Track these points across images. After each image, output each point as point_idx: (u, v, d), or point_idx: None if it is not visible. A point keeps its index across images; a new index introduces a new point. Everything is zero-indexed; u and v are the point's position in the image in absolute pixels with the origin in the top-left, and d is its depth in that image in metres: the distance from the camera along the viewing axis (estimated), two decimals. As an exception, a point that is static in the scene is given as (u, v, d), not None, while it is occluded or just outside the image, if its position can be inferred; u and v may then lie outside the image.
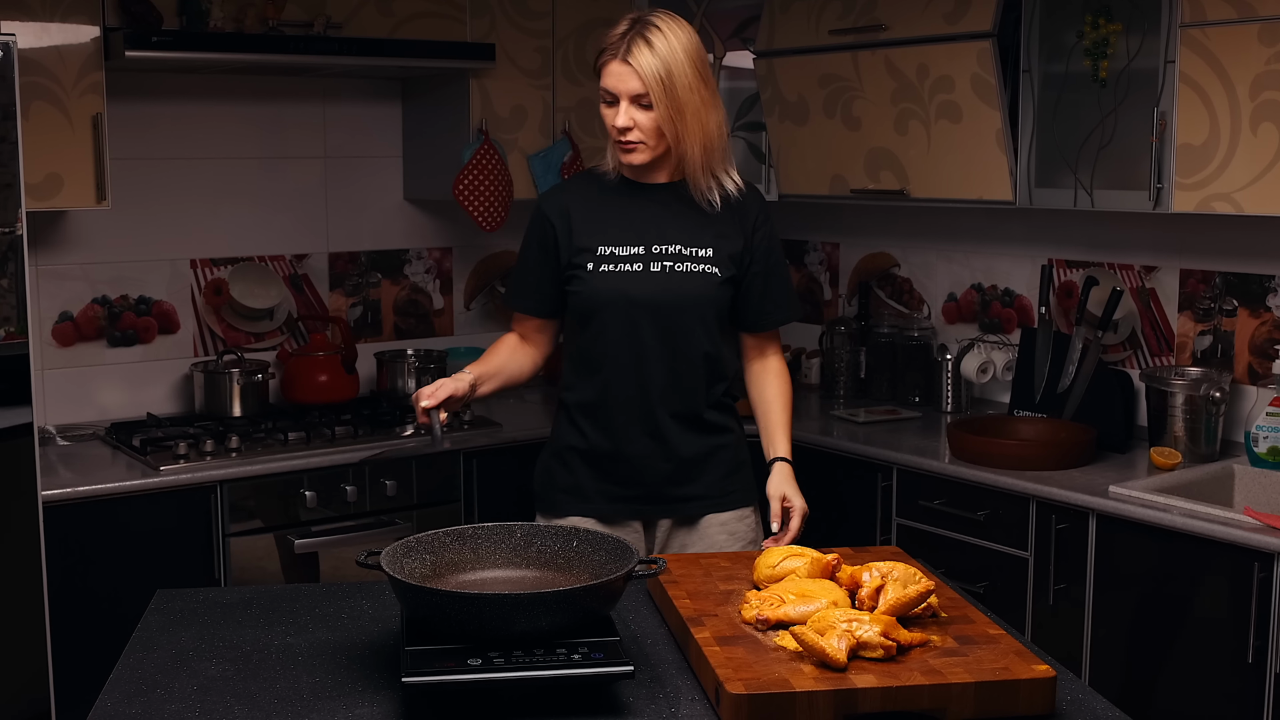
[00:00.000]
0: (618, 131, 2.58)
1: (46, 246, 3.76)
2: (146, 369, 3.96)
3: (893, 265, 4.38)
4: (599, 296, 2.65)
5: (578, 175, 2.86)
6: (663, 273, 2.64)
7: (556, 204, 2.73)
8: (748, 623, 1.98)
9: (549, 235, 2.70)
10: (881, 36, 3.70)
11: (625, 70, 2.53)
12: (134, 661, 1.99)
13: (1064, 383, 3.66)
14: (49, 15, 3.34)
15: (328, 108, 4.17)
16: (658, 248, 2.65)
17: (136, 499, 3.33)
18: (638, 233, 2.66)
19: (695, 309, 2.65)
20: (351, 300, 4.29)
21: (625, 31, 2.54)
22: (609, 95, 2.57)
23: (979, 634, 1.95)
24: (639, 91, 2.53)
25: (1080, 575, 3.17)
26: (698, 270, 2.65)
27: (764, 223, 2.73)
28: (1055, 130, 3.40)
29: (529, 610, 1.84)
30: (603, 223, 2.68)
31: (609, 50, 2.56)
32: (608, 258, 2.66)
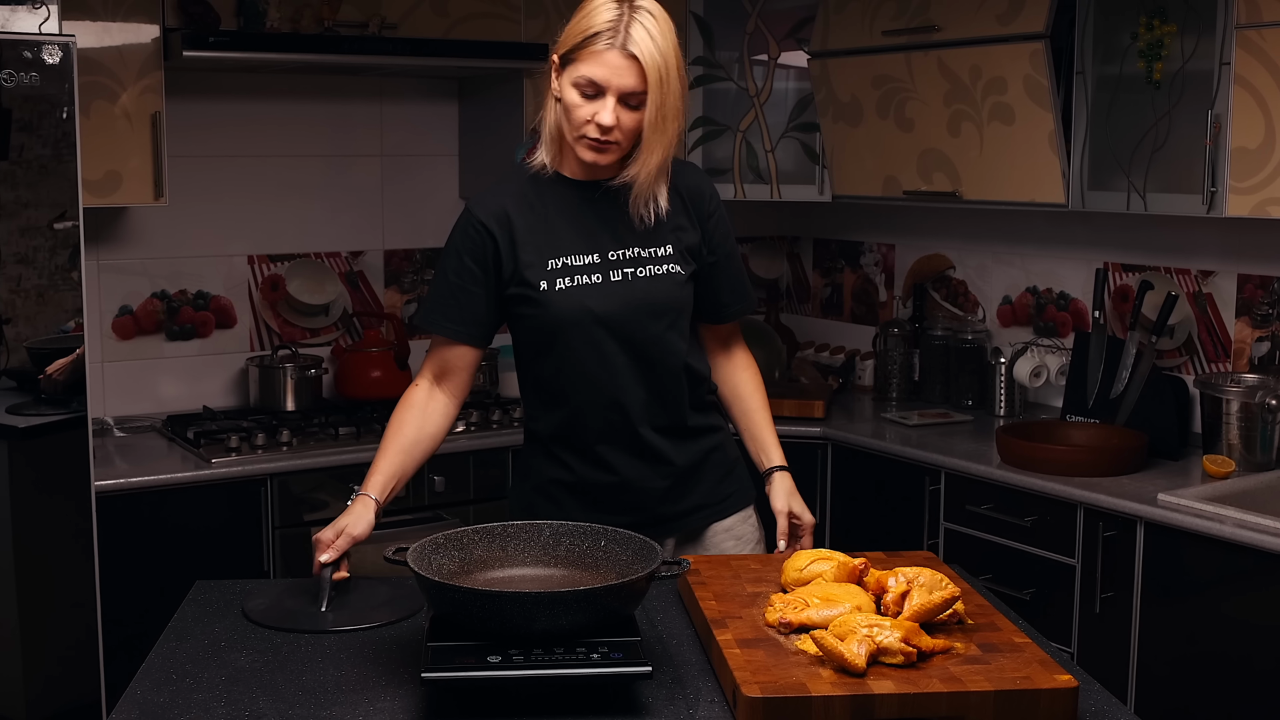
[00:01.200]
0: (598, 129, 2.26)
1: (108, 242, 3.83)
2: (204, 363, 4.02)
3: (948, 267, 4.35)
4: (561, 317, 2.35)
5: (509, 175, 2.49)
6: (624, 281, 2.38)
7: (494, 210, 2.37)
8: (771, 626, 1.98)
9: (486, 247, 2.36)
10: (934, 37, 3.68)
11: (625, 64, 2.22)
12: (166, 650, 2.03)
13: (1117, 388, 3.62)
14: (110, 16, 3.40)
15: (385, 106, 4.21)
16: (614, 253, 2.38)
17: (188, 491, 3.38)
18: (590, 238, 2.38)
19: (665, 315, 2.40)
20: (406, 297, 4.33)
21: (619, 14, 2.24)
22: (591, 87, 2.25)
23: (1004, 642, 1.93)
24: (634, 89, 2.24)
25: (1128, 584, 3.13)
26: (660, 272, 2.40)
27: (716, 206, 2.49)
28: (1109, 132, 3.37)
29: (550, 609, 1.85)
30: (550, 230, 2.38)
31: (603, 36, 2.23)
32: (562, 271, 2.36)
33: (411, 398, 2.44)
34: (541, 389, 2.46)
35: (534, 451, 2.53)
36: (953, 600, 1.97)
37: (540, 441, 2.50)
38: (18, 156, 3.04)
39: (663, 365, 2.41)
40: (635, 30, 2.22)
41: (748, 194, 4.31)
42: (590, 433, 2.42)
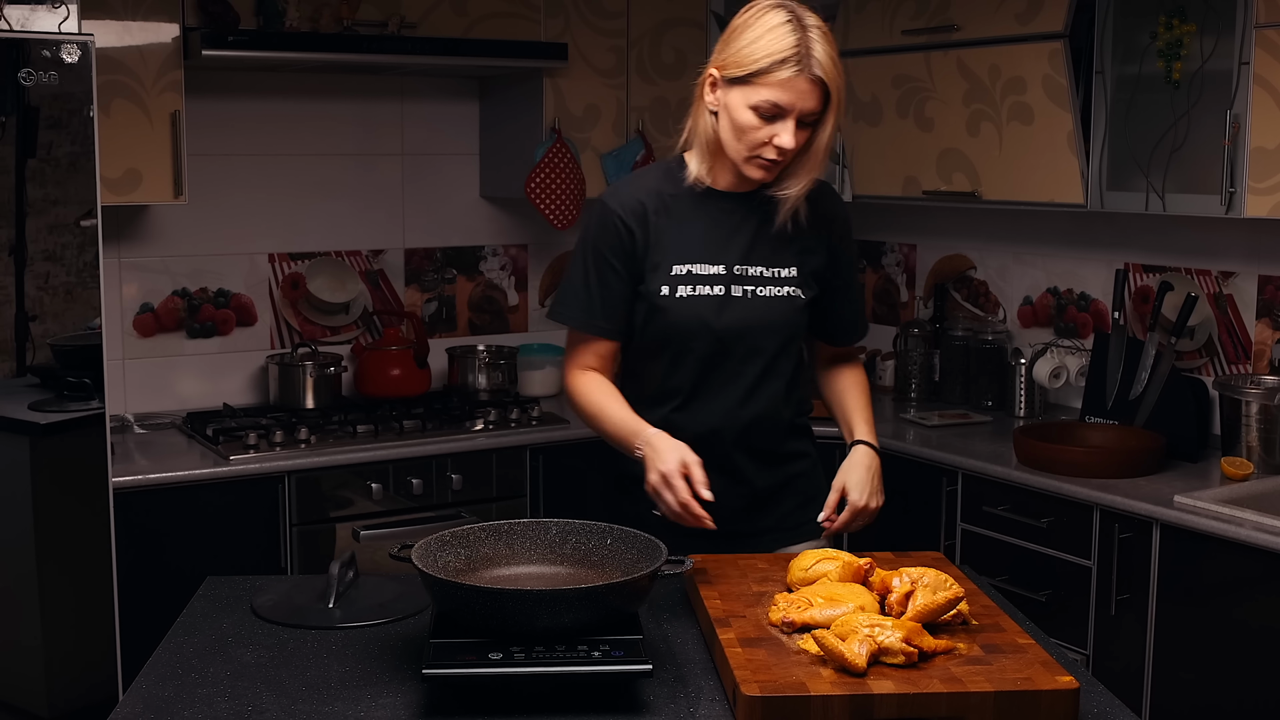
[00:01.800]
0: (776, 151, 2.25)
1: (130, 239, 3.86)
2: (224, 360, 4.05)
3: (969, 268, 4.33)
4: (679, 325, 2.36)
5: (648, 172, 2.48)
6: (745, 298, 2.38)
7: (630, 204, 2.38)
8: (774, 625, 1.98)
9: (625, 241, 2.37)
10: (954, 37, 3.67)
11: (810, 88, 2.21)
12: (174, 645, 2.04)
13: (1136, 389, 3.60)
14: (130, 15, 3.43)
15: (406, 105, 4.22)
16: (739, 268, 2.38)
17: (206, 488, 3.41)
18: (719, 249, 2.37)
19: (778, 336, 2.40)
20: (427, 296, 4.35)
21: (800, 37, 2.20)
22: (774, 108, 2.22)
23: (1007, 643, 1.92)
24: (815, 110, 2.23)
25: (1144, 587, 3.11)
26: (781, 294, 2.39)
27: (845, 233, 2.49)
28: (1128, 133, 3.35)
29: (551, 606, 1.85)
30: (680, 236, 2.37)
31: (789, 62, 2.19)
32: (686, 278, 2.36)
33: (592, 376, 2.44)
34: (641, 389, 2.45)
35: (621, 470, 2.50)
36: (956, 601, 1.96)
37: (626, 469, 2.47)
38: (46, 154, 3.06)
39: (765, 386, 2.42)
40: (818, 52, 2.21)
41: (768, 193, 4.30)
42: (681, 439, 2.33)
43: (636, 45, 4.18)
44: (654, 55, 4.20)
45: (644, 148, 4.16)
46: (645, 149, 4.17)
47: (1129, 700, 3.14)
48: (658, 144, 4.21)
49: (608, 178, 4.15)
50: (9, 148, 3.03)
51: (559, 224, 4.07)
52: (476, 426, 3.86)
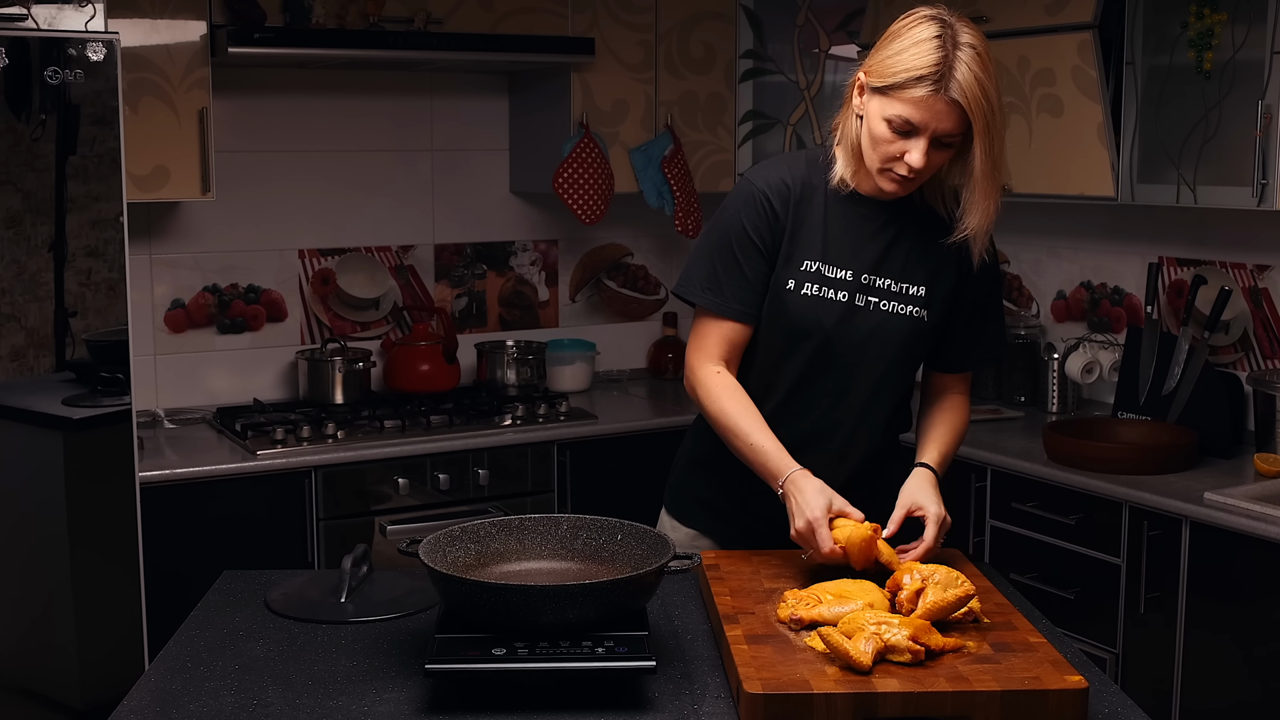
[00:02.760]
0: (906, 168, 2.17)
1: (160, 236, 3.89)
2: (255, 356, 4.07)
3: (1002, 261, 4.29)
4: (795, 322, 2.29)
5: (793, 158, 2.37)
6: (867, 309, 2.29)
7: (778, 186, 2.30)
8: (782, 622, 1.97)
9: (770, 220, 2.29)
10: (983, 28, 3.61)
11: (947, 109, 2.10)
12: (186, 639, 2.05)
13: (1169, 385, 3.56)
14: (158, 13, 3.45)
15: (435, 101, 4.23)
16: (868, 278, 2.28)
17: (233, 482, 3.42)
18: (851, 254, 2.29)
19: (892, 355, 2.31)
20: (457, 291, 4.35)
21: (944, 55, 2.09)
22: (906, 125, 2.13)
23: (1018, 641, 1.90)
24: (952, 131, 2.13)
25: (1173, 585, 3.07)
26: (905, 312, 2.29)
27: (990, 250, 2.32)
28: (1158, 124, 3.30)
29: (556, 602, 1.84)
30: (815, 230, 2.29)
31: (926, 79, 2.09)
32: (814, 276, 2.29)
33: (726, 381, 2.32)
34: (742, 377, 2.36)
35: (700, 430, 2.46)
36: (967, 598, 1.94)
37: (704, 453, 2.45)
38: (89, 151, 3.09)
39: (870, 406, 2.33)
40: (961, 73, 2.09)
41: (798, 188, 4.28)
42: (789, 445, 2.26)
43: (665, 39, 4.17)
44: (682, 49, 4.18)
45: (672, 142, 4.15)
46: (674, 143, 4.15)
47: (1158, 700, 3.10)
48: (686, 138, 4.20)
49: (636, 173, 4.14)
50: (49, 145, 3.06)
51: (587, 219, 4.07)
52: (505, 422, 3.86)
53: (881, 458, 2.42)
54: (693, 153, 4.20)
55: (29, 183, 3.06)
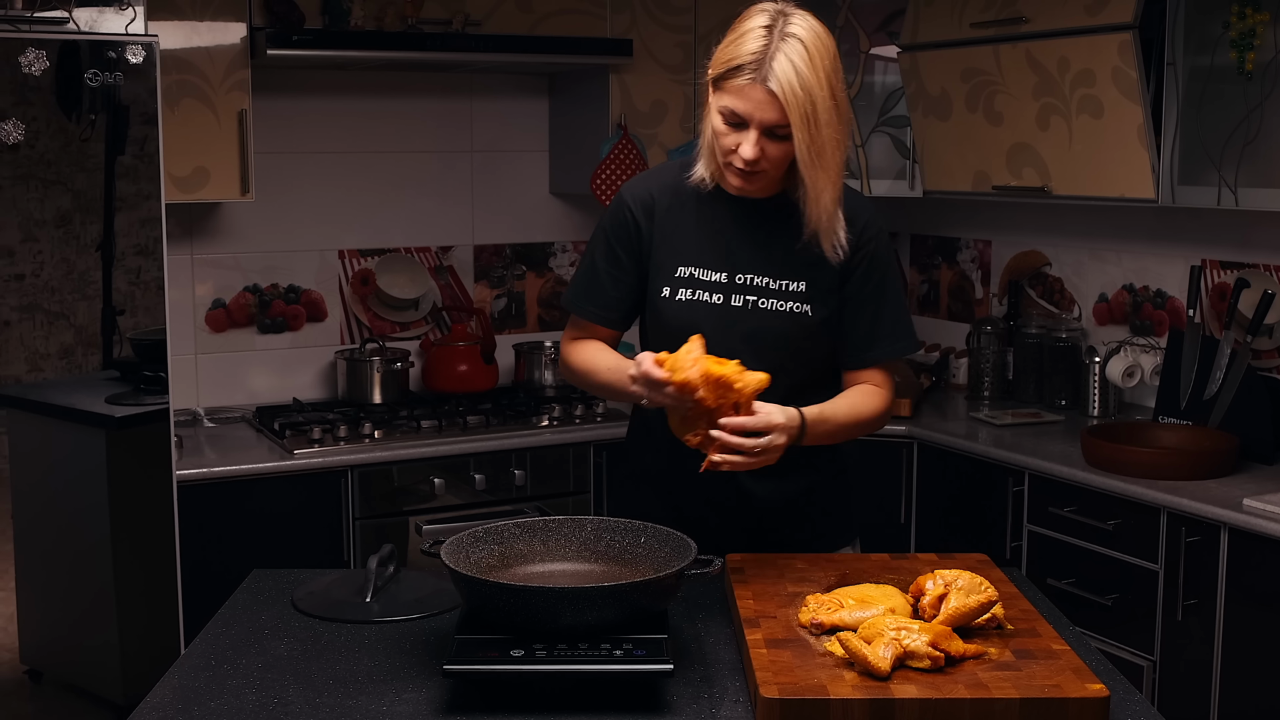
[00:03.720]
0: (741, 160, 2.17)
1: (202, 236, 3.92)
2: (295, 355, 4.09)
3: (1044, 264, 4.26)
4: (676, 329, 2.25)
5: (668, 167, 2.40)
6: (743, 308, 2.28)
7: (642, 197, 2.33)
8: (803, 626, 1.96)
9: (633, 233, 2.33)
10: (1023, 29, 3.60)
11: (766, 98, 2.09)
12: (211, 637, 2.07)
13: (1210, 389, 3.51)
14: (198, 15, 3.48)
15: (475, 102, 4.24)
16: (742, 277, 2.28)
17: (269, 481, 3.45)
18: (724, 254, 2.29)
19: (778, 353, 2.27)
20: (495, 292, 4.36)
21: (765, 45, 2.09)
22: (735, 117, 2.14)
23: (1041, 649, 1.88)
24: (779, 122, 2.12)
25: (1211, 592, 3.04)
26: (784, 309, 2.28)
27: (868, 240, 2.29)
28: (1199, 125, 3.26)
29: (576, 604, 1.85)
30: (688, 235, 2.30)
31: (746, 68, 2.10)
32: (687, 282, 2.30)
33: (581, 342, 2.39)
34: None
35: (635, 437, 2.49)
36: (990, 604, 1.93)
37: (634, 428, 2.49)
38: (139, 150, 3.13)
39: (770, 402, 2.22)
40: (779, 64, 2.08)
41: (838, 189, 4.26)
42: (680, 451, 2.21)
43: (704, 40, 4.16)
44: (722, 50, 4.17)
45: (711, 143, 4.14)
46: (713, 145, 4.14)
47: (1196, 708, 3.06)
48: (726, 140, 4.19)
49: (675, 174, 4.13)
50: (98, 144, 3.10)
51: (625, 220, 4.06)
52: (541, 422, 3.87)
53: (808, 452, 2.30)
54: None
55: (79, 182, 3.11)
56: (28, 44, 2.94)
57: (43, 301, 3.13)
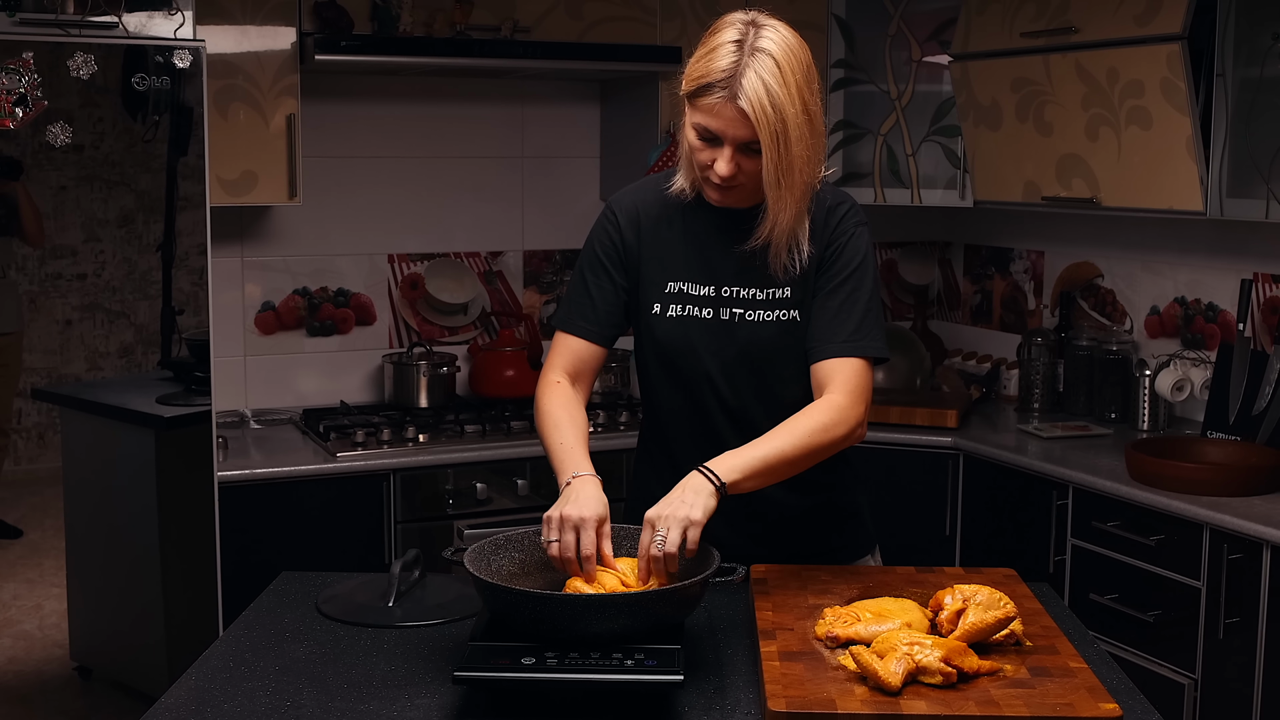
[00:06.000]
0: (717, 176, 2.14)
1: (252, 239, 3.97)
2: (343, 359, 4.13)
3: (1096, 275, 4.21)
4: (668, 346, 2.27)
5: (655, 180, 2.35)
6: (731, 322, 2.26)
7: (628, 209, 2.31)
8: (819, 639, 1.95)
9: (616, 244, 2.30)
10: (1072, 39, 3.56)
11: (737, 116, 2.06)
12: (232, 639, 2.09)
13: (1260, 404, 3.46)
14: (248, 20, 3.52)
15: (527, 108, 4.26)
16: (728, 290, 2.26)
17: (311, 483, 3.48)
18: (710, 268, 2.26)
19: (770, 365, 2.26)
20: (545, 297, 4.38)
21: (735, 61, 2.05)
22: (707, 133, 2.11)
23: (1058, 666, 1.86)
24: (751, 139, 2.08)
25: (1254, 610, 2.98)
26: (771, 318, 2.25)
27: (841, 232, 2.24)
28: (1249, 137, 3.21)
29: (598, 613, 1.85)
30: (676, 251, 2.28)
31: (717, 86, 2.06)
32: (677, 297, 2.27)
33: (562, 390, 2.29)
34: (650, 411, 2.40)
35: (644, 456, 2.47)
36: (1008, 620, 1.91)
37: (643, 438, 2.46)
38: (201, 151, 3.17)
39: (764, 418, 2.22)
40: (748, 81, 2.04)
41: (887, 198, 4.24)
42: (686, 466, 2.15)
43: (754, 48, 4.15)
44: (772, 58, 4.16)
45: (760, 151, 4.13)
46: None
47: (1237, 728, 3.02)
48: (774, 147, 4.17)
49: (722, 181, 4.13)
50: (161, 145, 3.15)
51: (672, 227, 4.06)
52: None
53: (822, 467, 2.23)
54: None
55: (143, 183, 3.16)
56: (76, 48, 2.99)
57: (104, 301, 3.19)
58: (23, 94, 2.97)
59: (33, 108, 2.98)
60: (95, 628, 3.32)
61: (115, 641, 3.37)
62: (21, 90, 2.97)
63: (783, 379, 2.27)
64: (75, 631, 3.27)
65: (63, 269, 3.15)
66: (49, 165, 3.06)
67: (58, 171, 3.08)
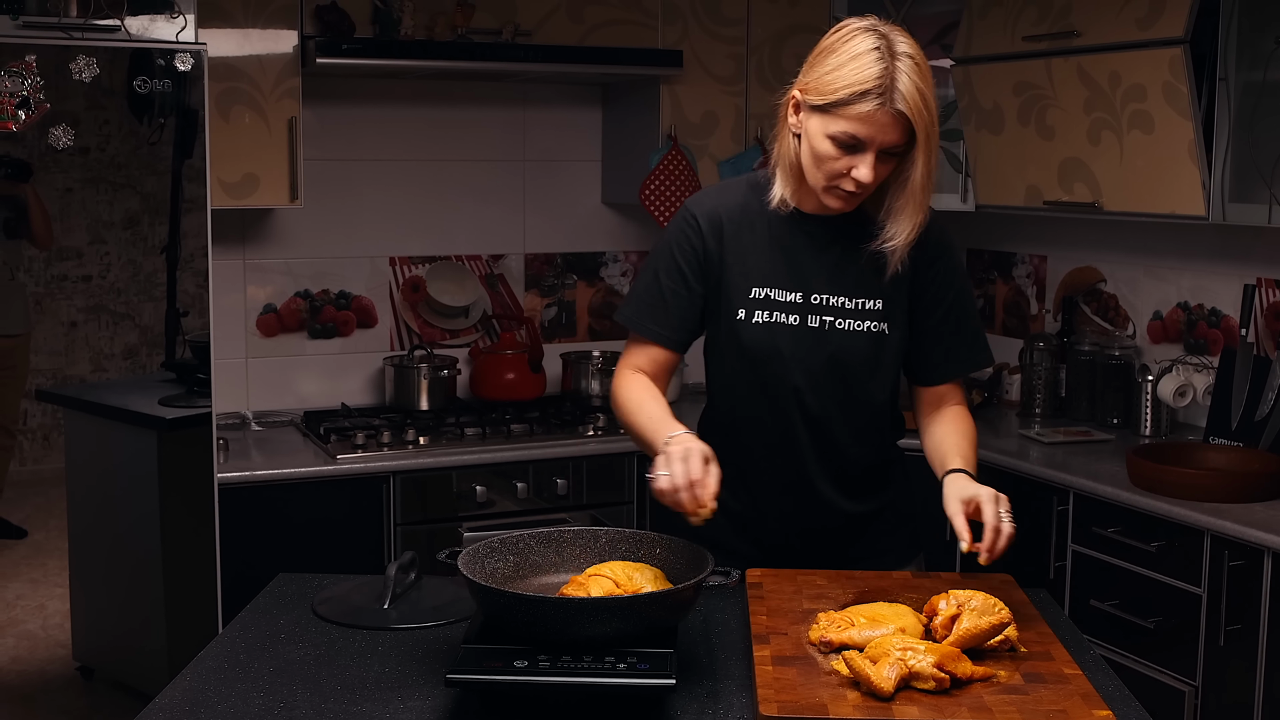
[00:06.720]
0: (854, 184, 2.14)
1: (254, 241, 3.97)
2: (344, 361, 4.13)
3: (1099, 280, 4.20)
4: (753, 351, 2.27)
5: (735, 184, 2.36)
6: (820, 329, 2.26)
7: (710, 214, 2.30)
8: (813, 644, 1.94)
9: (697, 249, 2.29)
10: (1074, 43, 3.56)
11: (891, 121, 2.07)
12: (228, 639, 2.09)
13: (1262, 410, 3.45)
14: (250, 23, 3.53)
15: (529, 111, 4.27)
16: (818, 297, 2.26)
17: (311, 485, 3.48)
18: (799, 274, 2.27)
19: (857, 373, 2.28)
20: (546, 301, 4.38)
21: (885, 67, 2.06)
22: (852, 140, 2.10)
23: (1052, 672, 1.86)
24: (898, 143, 2.10)
25: (1255, 618, 2.98)
26: (862, 329, 2.26)
27: (940, 254, 2.29)
28: (1251, 142, 3.21)
29: (591, 616, 1.85)
30: (760, 255, 2.28)
31: (870, 94, 2.05)
32: (764, 303, 2.27)
33: (639, 377, 2.31)
34: (718, 415, 2.37)
35: None
36: (1002, 626, 1.91)
37: None
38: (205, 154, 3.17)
39: (845, 429, 2.29)
40: (904, 84, 2.06)
41: (890, 202, 4.23)
42: (756, 469, 2.25)
43: (756, 52, 4.15)
44: (774, 62, 4.16)
45: (762, 155, 4.13)
46: (764, 156, 4.14)
47: (1237, 735, 3.01)
48: (776, 151, 4.17)
49: (725, 185, 4.13)
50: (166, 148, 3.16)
51: (673, 231, 4.06)
52: (587, 432, 3.88)
53: (885, 468, 2.40)
54: (765, 170, 4.18)
55: (148, 185, 3.17)
56: (79, 51, 2.99)
57: (108, 303, 3.19)
58: (25, 97, 2.98)
59: (35, 110, 2.99)
60: (97, 628, 3.33)
61: (117, 642, 3.37)
62: (24, 93, 2.97)
63: (867, 390, 2.30)
64: (78, 632, 3.28)
65: (68, 271, 3.16)
66: (55, 167, 3.07)
67: (64, 174, 3.09)
